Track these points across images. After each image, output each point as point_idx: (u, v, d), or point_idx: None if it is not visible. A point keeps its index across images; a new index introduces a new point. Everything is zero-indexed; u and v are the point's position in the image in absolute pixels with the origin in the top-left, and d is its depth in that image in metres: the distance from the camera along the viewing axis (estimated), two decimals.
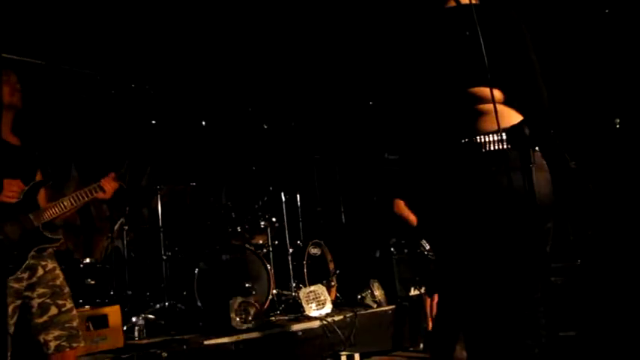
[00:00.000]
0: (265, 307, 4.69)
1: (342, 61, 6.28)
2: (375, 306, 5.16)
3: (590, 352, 3.06)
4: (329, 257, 5.69)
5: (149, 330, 4.41)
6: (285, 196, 5.61)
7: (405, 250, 5.56)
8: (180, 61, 5.84)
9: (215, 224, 5.35)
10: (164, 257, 5.01)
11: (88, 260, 5.07)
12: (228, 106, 6.40)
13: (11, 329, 2.52)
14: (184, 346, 3.82)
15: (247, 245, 5.08)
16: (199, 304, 4.55)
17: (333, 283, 5.51)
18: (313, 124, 7.08)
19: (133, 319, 4.36)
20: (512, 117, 1.89)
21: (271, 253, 5.27)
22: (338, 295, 5.59)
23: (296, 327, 4.43)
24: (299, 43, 5.97)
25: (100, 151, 5.64)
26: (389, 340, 4.98)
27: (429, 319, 4.58)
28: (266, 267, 4.94)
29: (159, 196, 5.15)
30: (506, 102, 1.92)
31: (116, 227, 5.23)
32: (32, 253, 2.62)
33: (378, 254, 6.12)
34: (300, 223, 5.88)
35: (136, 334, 4.29)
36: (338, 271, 5.65)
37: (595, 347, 3.08)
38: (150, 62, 5.53)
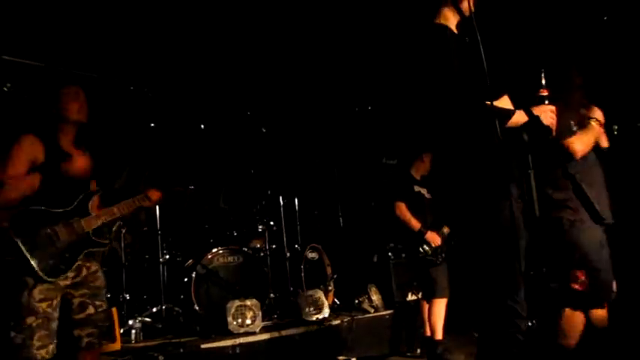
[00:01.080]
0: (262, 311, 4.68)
1: (340, 66, 6.30)
2: (372, 311, 5.15)
3: (588, 353, 3.07)
4: (326, 261, 5.68)
5: (146, 333, 4.40)
6: (283, 199, 5.61)
7: (403, 255, 5.55)
8: (178, 64, 5.84)
9: (213, 228, 5.34)
10: (161, 260, 5.00)
11: None
12: (227, 109, 6.40)
13: (56, 323, 2.70)
14: (181, 350, 3.82)
15: (245, 249, 5.07)
16: (196, 307, 4.54)
17: (330, 288, 5.49)
18: (312, 128, 7.08)
19: (130, 322, 4.36)
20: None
21: (269, 257, 5.26)
22: (335, 299, 5.58)
23: (293, 331, 4.42)
24: (298, 48, 5.98)
25: (98, 152, 5.62)
26: (386, 345, 4.97)
27: (426, 324, 4.56)
28: (263, 271, 4.92)
29: None
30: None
31: (114, 229, 5.21)
32: (81, 256, 2.81)
33: (375, 259, 6.11)
34: (298, 227, 5.87)
35: (133, 337, 4.29)
36: (335, 276, 5.63)
37: (593, 348, 3.09)
38: (148, 65, 5.53)
